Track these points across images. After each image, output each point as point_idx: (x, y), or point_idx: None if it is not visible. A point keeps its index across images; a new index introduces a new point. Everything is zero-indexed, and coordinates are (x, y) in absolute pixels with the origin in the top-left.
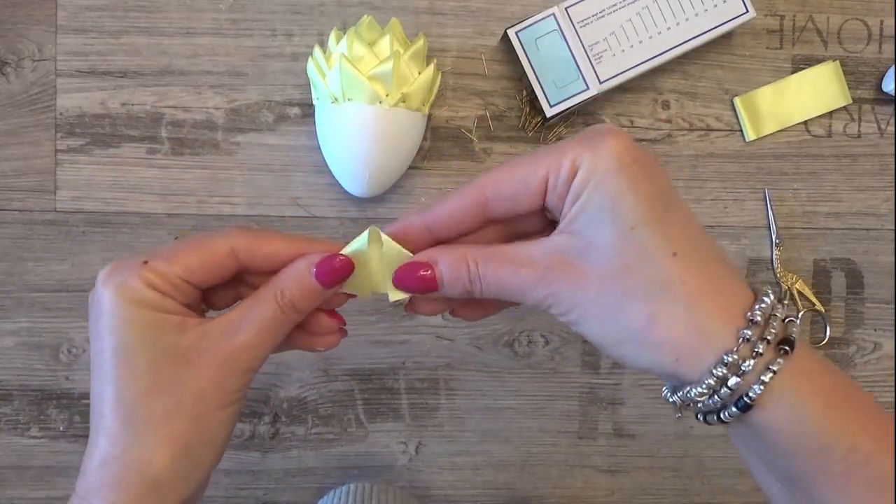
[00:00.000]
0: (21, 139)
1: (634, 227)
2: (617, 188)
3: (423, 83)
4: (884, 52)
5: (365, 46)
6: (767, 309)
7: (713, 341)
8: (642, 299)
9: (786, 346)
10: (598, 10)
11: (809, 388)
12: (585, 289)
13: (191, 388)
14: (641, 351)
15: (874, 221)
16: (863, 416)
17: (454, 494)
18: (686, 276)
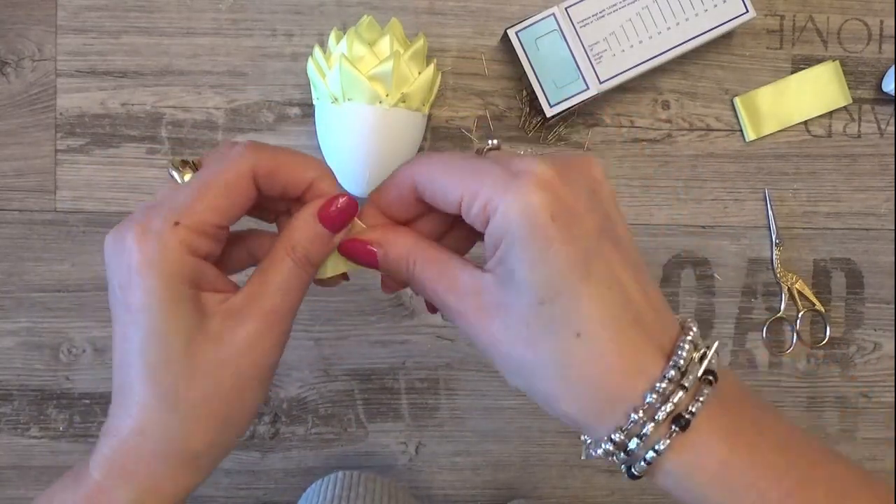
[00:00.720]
0: (21, 139)
1: (543, 302)
2: (529, 256)
3: (423, 83)
4: (884, 52)
5: (365, 46)
6: (671, 382)
7: (606, 421)
8: (542, 374)
9: (676, 426)
10: (598, 10)
11: (697, 465)
12: (500, 344)
13: (228, 368)
14: (550, 413)
15: (874, 221)
16: (763, 482)
17: (454, 494)
18: (584, 359)
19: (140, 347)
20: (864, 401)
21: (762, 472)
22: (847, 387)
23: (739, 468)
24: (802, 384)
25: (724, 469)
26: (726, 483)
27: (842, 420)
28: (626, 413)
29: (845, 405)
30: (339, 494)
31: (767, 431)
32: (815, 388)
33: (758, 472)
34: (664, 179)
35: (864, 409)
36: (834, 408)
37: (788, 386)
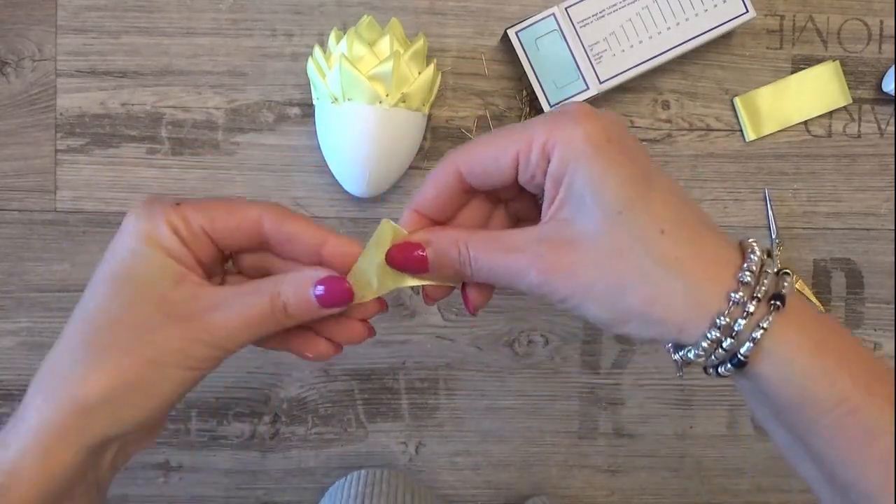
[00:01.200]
0: (21, 139)
1: (621, 211)
2: (597, 173)
3: (423, 83)
4: (884, 52)
5: (365, 46)
6: (756, 266)
7: (708, 308)
8: (639, 282)
9: (777, 302)
10: (598, 10)
11: (798, 343)
12: (581, 276)
13: (159, 337)
14: (645, 328)
15: (874, 221)
16: (854, 369)
17: (454, 494)
18: (677, 252)
19: (98, 286)
20: None
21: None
22: None
23: (832, 352)
24: None
25: (819, 353)
26: (822, 367)
27: None
28: (727, 296)
29: None
30: (363, 491)
31: (838, 328)
32: None
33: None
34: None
35: None
36: None
37: None
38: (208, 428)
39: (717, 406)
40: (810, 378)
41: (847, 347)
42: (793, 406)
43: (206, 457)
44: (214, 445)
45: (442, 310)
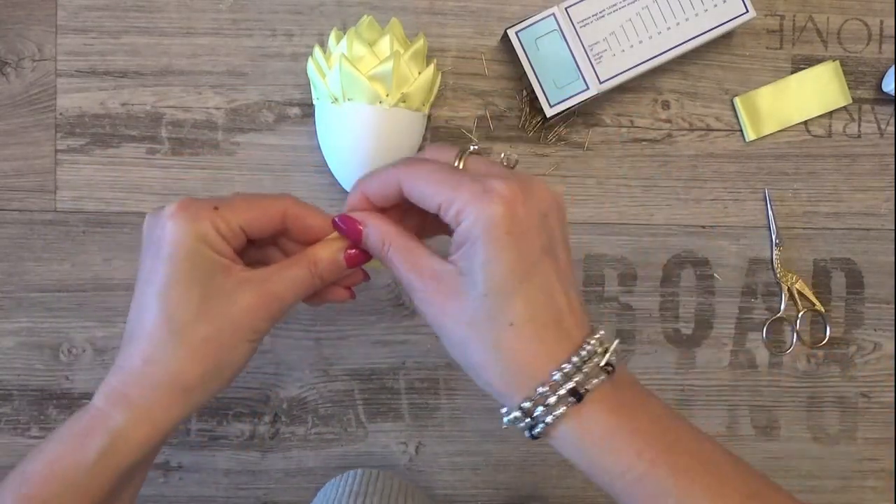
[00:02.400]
0: (21, 139)
1: (487, 294)
2: (484, 258)
3: (424, 83)
4: (884, 52)
5: (365, 46)
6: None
7: (521, 393)
8: (478, 351)
9: (573, 398)
10: (598, 10)
11: (589, 428)
12: (446, 320)
13: (230, 321)
14: (475, 380)
15: (874, 221)
16: (643, 443)
17: (454, 494)
18: (513, 345)
19: (160, 289)
20: (864, 401)
21: (639, 438)
22: (847, 387)
23: (620, 434)
24: (802, 384)
25: (609, 434)
26: (609, 445)
27: (842, 420)
28: (535, 388)
29: (845, 405)
30: (357, 490)
31: (648, 409)
32: (815, 388)
33: (636, 437)
34: (664, 179)
35: (864, 409)
36: (834, 408)
37: (788, 386)
38: (208, 428)
39: (717, 406)
40: (599, 453)
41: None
42: (589, 474)
43: (206, 457)
44: (214, 445)
45: None
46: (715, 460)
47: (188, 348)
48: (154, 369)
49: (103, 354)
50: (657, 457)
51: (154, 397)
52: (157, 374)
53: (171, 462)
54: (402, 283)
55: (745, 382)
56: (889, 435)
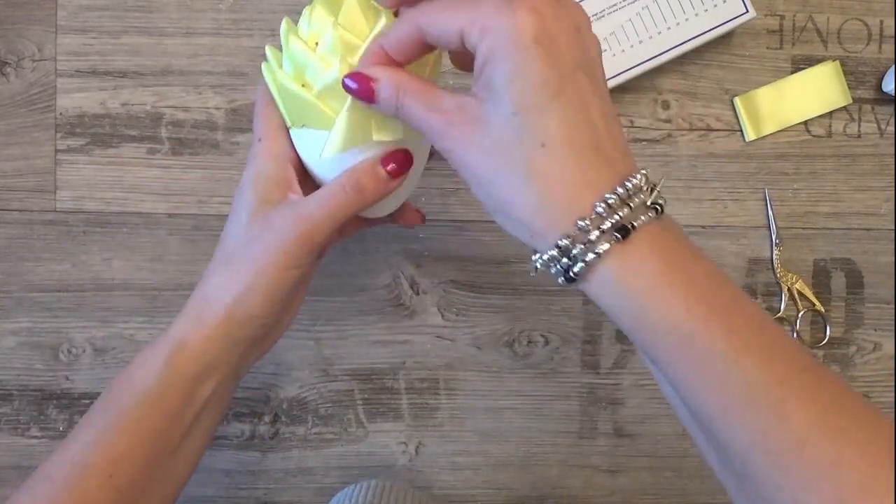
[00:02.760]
0: (21, 139)
1: (515, 112)
2: (510, 72)
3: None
4: (884, 52)
5: (301, 44)
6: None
7: (556, 228)
8: (506, 181)
9: (618, 234)
10: (598, 11)
11: (635, 272)
12: (469, 155)
13: (264, 245)
14: (505, 223)
15: (874, 221)
16: (694, 298)
17: (454, 494)
18: (547, 168)
19: (231, 214)
20: None
21: (692, 290)
22: None
23: (670, 283)
24: None
25: (657, 281)
26: (657, 295)
27: None
28: (574, 221)
29: None
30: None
31: (700, 261)
32: None
33: (688, 289)
34: (664, 179)
35: None
36: None
37: None
38: None
39: None
40: (643, 303)
41: (697, 276)
42: (629, 329)
43: (206, 457)
44: (214, 445)
45: (442, 310)
46: (768, 327)
47: (230, 269)
48: (205, 287)
49: (103, 354)
50: (710, 314)
51: (203, 308)
52: (206, 289)
53: None
54: (424, 130)
55: None
56: None
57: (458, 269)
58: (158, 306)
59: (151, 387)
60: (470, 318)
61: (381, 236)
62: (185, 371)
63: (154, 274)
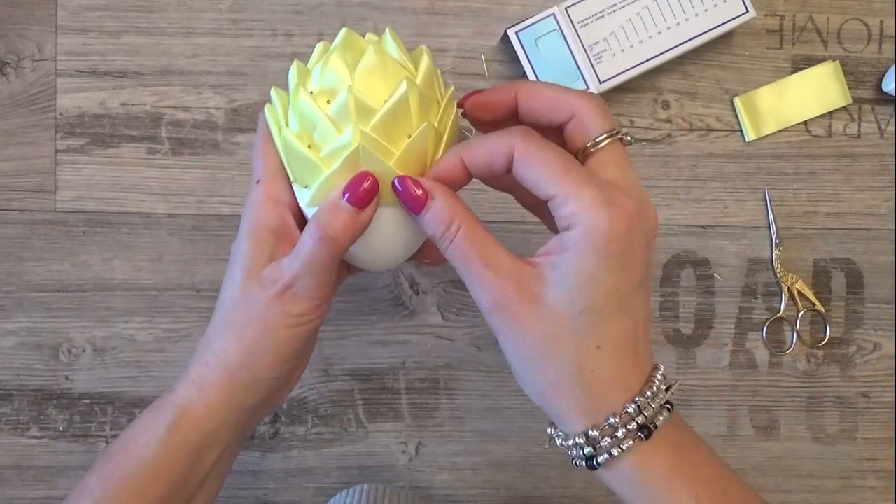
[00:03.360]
0: (21, 139)
1: (582, 312)
2: (589, 271)
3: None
4: (884, 52)
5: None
6: (645, 400)
7: (589, 419)
8: (554, 369)
9: (642, 434)
10: (598, 11)
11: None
12: (518, 329)
13: (260, 307)
14: (537, 397)
15: (874, 221)
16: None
17: (454, 494)
18: (596, 368)
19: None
20: (864, 401)
21: (698, 481)
22: (847, 387)
23: (680, 475)
24: (802, 384)
25: (670, 474)
26: (669, 485)
27: (842, 420)
28: (606, 416)
29: (845, 405)
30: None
31: (701, 451)
32: (815, 388)
33: (695, 481)
34: (664, 179)
35: (864, 409)
36: (834, 408)
37: (788, 386)
38: None
39: (717, 406)
40: (656, 493)
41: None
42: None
43: None
44: None
45: (442, 310)
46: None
47: (232, 332)
48: (207, 350)
49: (103, 354)
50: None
51: (206, 374)
52: (209, 354)
53: None
54: (468, 281)
55: (745, 382)
56: (889, 435)
57: None
58: (158, 306)
59: (154, 455)
60: (470, 318)
61: None
62: (188, 439)
63: (154, 274)
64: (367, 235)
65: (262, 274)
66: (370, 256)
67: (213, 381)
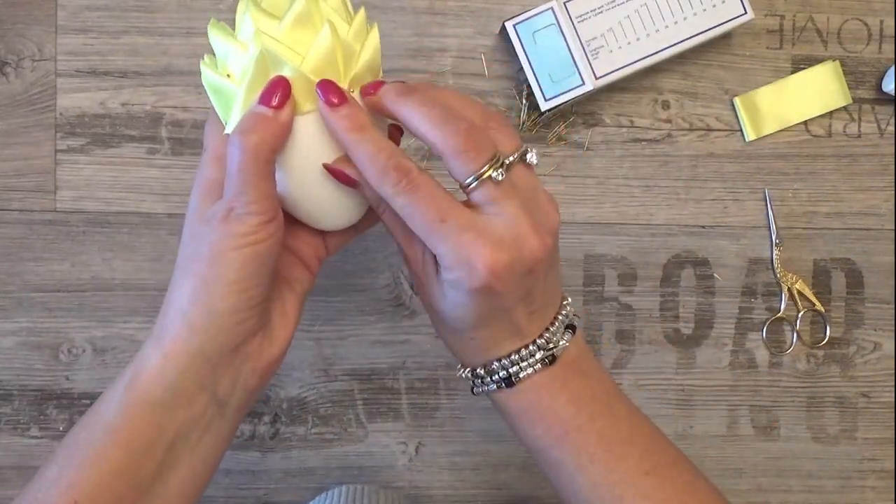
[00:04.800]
0: (21, 139)
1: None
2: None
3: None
4: (884, 52)
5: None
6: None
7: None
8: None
9: (547, 360)
10: (597, 6)
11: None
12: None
13: (206, 239)
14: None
15: (874, 221)
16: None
17: (454, 494)
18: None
19: None
20: (864, 401)
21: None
22: (847, 387)
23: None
24: (802, 384)
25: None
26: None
27: (842, 420)
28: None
29: (845, 405)
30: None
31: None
32: (815, 388)
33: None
34: (664, 179)
35: (864, 409)
36: (834, 408)
37: (788, 386)
38: None
39: (717, 406)
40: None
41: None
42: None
43: None
44: None
45: None
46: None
47: (184, 274)
48: (164, 303)
49: (103, 354)
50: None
51: (162, 324)
52: (165, 305)
53: None
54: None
55: (745, 382)
56: (889, 435)
57: None
58: (158, 306)
59: (113, 418)
60: None
61: (382, 237)
62: (146, 397)
63: (154, 274)
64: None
65: (208, 211)
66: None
67: (169, 330)
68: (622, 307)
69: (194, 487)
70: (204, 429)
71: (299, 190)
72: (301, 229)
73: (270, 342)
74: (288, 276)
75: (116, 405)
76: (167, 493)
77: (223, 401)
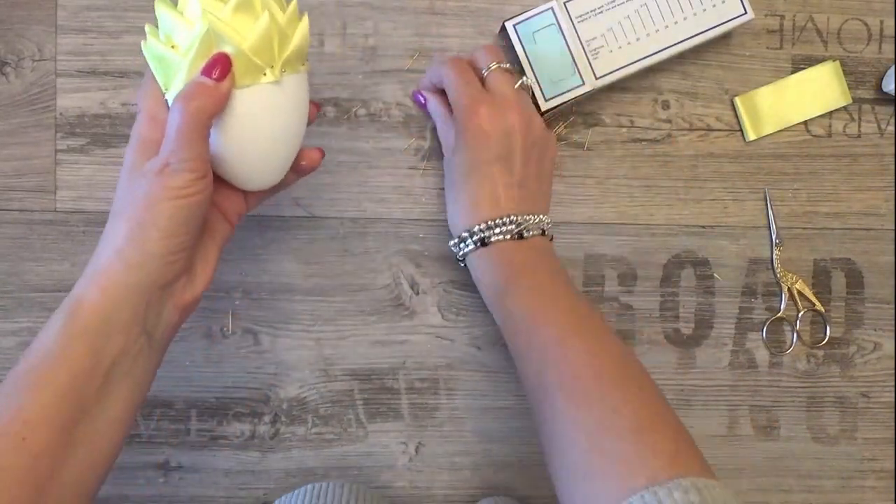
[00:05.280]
0: (21, 139)
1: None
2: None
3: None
4: (884, 52)
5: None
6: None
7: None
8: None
9: (516, 235)
10: (597, 6)
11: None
12: None
13: (142, 188)
14: None
15: (874, 221)
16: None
17: (454, 494)
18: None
19: None
20: (864, 401)
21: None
22: (847, 387)
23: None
24: (802, 384)
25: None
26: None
27: (842, 420)
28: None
29: (845, 405)
30: None
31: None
32: (815, 388)
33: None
34: (664, 179)
35: (864, 409)
36: (834, 408)
37: (788, 386)
38: (208, 428)
39: (717, 406)
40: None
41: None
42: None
43: (206, 457)
44: (214, 445)
45: (442, 310)
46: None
47: (118, 219)
48: (98, 244)
49: None
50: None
51: (97, 263)
52: (99, 247)
53: (170, 462)
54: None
55: (745, 382)
56: (889, 435)
57: (457, 269)
58: None
59: (55, 345)
60: (470, 318)
61: (382, 236)
62: (86, 326)
63: None
64: (230, 118)
65: (144, 165)
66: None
67: (105, 266)
68: (622, 307)
69: (128, 413)
70: (135, 357)
71: (231, 153)
72: (226, 187)
73: (193, 283)
74: (211, 228)
75: (57, 335)
76: (106, 416)
77: (151, 333)
